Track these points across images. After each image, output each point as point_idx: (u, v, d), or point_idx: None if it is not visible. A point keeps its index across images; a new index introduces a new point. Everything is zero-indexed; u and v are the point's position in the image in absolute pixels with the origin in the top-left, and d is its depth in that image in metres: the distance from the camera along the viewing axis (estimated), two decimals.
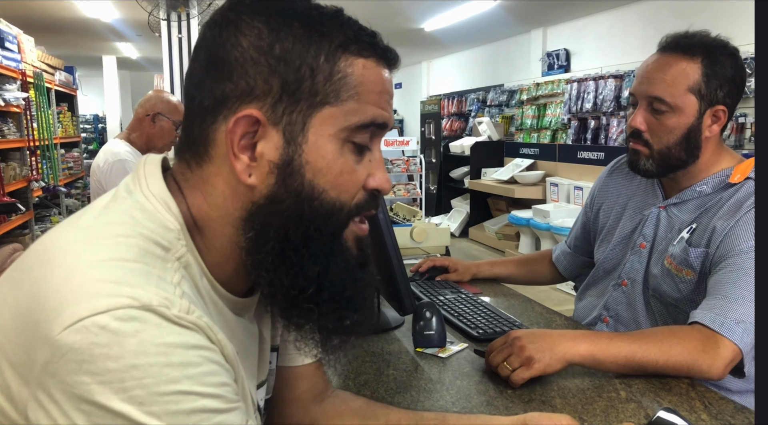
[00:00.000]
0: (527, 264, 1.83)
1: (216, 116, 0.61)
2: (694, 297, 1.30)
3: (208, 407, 0.51)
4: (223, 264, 0.64)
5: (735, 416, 1.00)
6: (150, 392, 0.49)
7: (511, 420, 0.83)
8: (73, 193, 8.13)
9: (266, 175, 0.61)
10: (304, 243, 0.62)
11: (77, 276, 0.52)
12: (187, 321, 0.53)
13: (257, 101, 0.60)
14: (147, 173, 0.65)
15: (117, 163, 2.70)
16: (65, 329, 0.49)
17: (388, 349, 1.29)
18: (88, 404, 0.48)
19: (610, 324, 1.49)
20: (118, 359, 0.48)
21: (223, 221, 0.63)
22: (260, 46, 0.60)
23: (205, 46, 0.63)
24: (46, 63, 6.82)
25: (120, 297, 0.51)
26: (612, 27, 6.47)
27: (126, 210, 0.60)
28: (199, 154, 0.63)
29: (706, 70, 1.28)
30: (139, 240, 0.57)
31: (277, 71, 0.59)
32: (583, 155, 6.01)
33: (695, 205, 1.36)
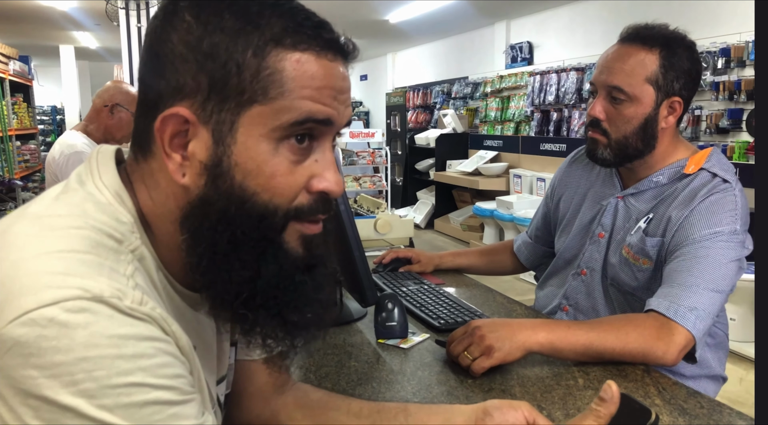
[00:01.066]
0: (489, 254, 1.85)
1: (155, 112, 0.59)
2: (651, 286, 1.33)
3: (161, 399, 0.50)
4: (173, 261, 0.63)
5: (687, 400, 1.02)
6: (101, 385, 0.48)
7: (471, 408, 0.84)
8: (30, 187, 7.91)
9: (197, 175, 0.58)
10: (232, 247, 0.59)
11: (24, 268, 0.50)
12: (140, 312, 0.52)
13: (188, 99, 0.58)
14: (100, 164, 0.63)
15: (73, 155, 2.63)
16: (10, 322, 0.47)
17: (350, 341, 1.29)
18: (35, 399, 0.47)
19: (569, 313, 1.51)
20: (67, 352, 0.47)
21: (166, 218, 0.62)
22: (188, 41, 0.57)
23: (147, 40, 0.61)
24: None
25: (69, 288, 0.49)
26: (574, 20, 6.55)
27: (77, 202, 0.59)
28: (143, 149, 0.62)
29: (664, 61, 1.31)
30: (91, 232, 0.55)
31: (205, 68, 0.57)
32: (545, 147, 6.09)
33: (651, 195, 1.39)
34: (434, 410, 0.85)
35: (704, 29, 4.49)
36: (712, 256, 1.21)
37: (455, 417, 0.82)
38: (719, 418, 0.97)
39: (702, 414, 0.98)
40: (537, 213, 1.75)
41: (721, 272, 1.20)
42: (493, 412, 0.81)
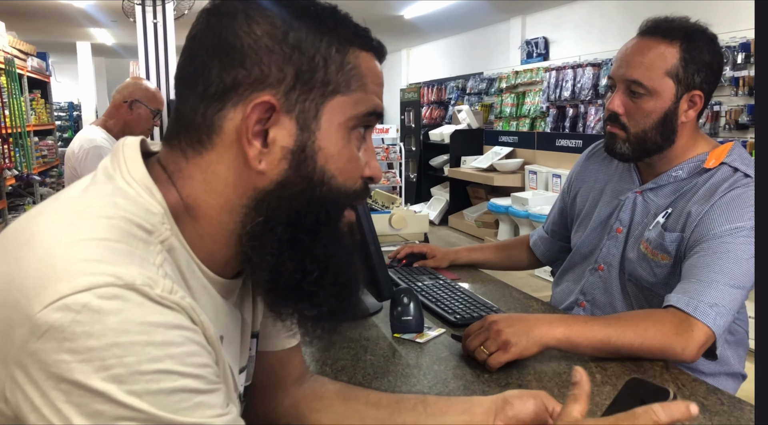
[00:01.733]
0: (505, 249, 1.84)
1: (224, 103, 0.61)
2: (669, 282, 1.32)
3: (188, 387, 0.51)
4: (216, 251, 0.64)
5: (707, 397, 1.01)
6: (131, 370, 0.48)
7: (491, 398, 0.84)
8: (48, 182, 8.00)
9: (278, 161, 0.62)
10: (314, 227, 0.63)
11: (58, 255, 0.51)
12: (170, 301, 0.53)
13: (270, 88, 0.61)
14: (127, 158, 0.63)
15: (93, 149, 2.66)
16: (45, 307, 0.48)
17: (366, 335, 1.28)
18: (67, 383, 0.48)
19: (586, 309, 1.50)
20: (99, 337, 0.48)
21: (222, 208, 0.63)
22: (275, 34, 0.61)
23: (210, 33, 0.62)
24: (17, 49, 6.67)
25: (102, 275, 0.50)
26: (590, 15, 6.50)
27: (107, 194, 0.60)
28: (199, 142, 0.62)
29: (685, 54, 1.28)
30: (121, 221, 0.56)
31: (292, 60, 0.61)
32: (561, 143, 6.05)
33: (671, 190, 1.37)
34: (453, 401, 0.85)
35: (724, 24, 4.44)
36: (732, 252, 1.20)
37: (474, 407, 0.83)
38: (740, 415, 0.96)
39: (722, 412, 0.97)
40: (553, 208, 1.74)
41: (741, 268, 1.18)
42: (513, 401, 0.81)
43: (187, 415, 0.50)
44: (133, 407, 0.48)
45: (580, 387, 0.70)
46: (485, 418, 0.81)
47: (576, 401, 0.69)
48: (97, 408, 0.48)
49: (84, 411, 0.48)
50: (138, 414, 0.48)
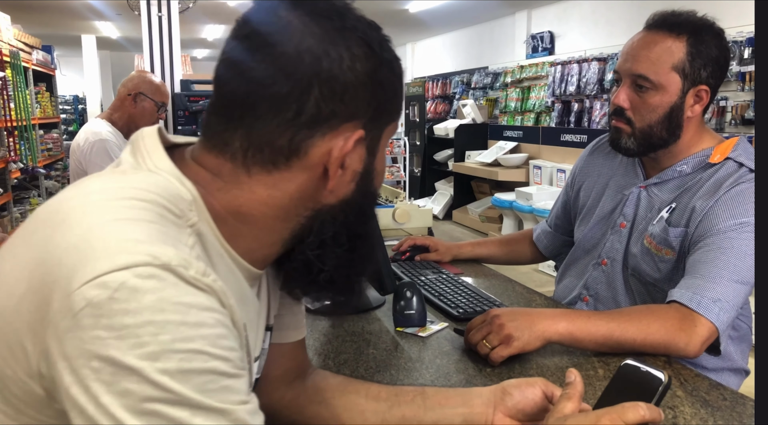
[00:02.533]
0: (508, 244, 1.84)
1: (314, 131, 0.62)
2: (673, 277, 1.31)
3: (217, 369, 0.51)
4: (257, 249, 0.67)
5: (710, 392, 1.01)
6: (165, 348, 0.49)
7: (489, 389, 0.84)
8: (53, 175, 8.02)
9: (347, 182, 0.66)
10: (362, 231, 0.71)
11: (97, 234, 0.53)
12: (203, 283, 0.53)
13: (355, 120, 0.64)
14: (149, 149, 0.64)
15: (98, 142, 2.67)
16: (85, 283, 0.49)
17: (369, 329, 1.29)
18: (99, 360, 0.48)
19: (589, 303, 1.50)
20: (135, 315, 0.49)
21: (277, 218, 0.65)
22: (369, 72, 0.63)
23: (312, 59, 0.61)
24: (23, 42, 6.68)
25: (140, 254, 0.51)
26: (596, 9, 6.47)
27: (137, 179, 0.61)
28: (273, 163, 0.63)
29: (691, 49, 1.27)
30: (153, 205, 0.57)
31: (377, 95, 0.65)
32: (566, 138, 6.03)
33: (675, 185, 1.37)
34: (452, 393, 0.86)
35: (730, 19, 4.41)
36: (736, 247, 1.19)
37: (473, 399, 0.83)
38: (742, 410, 0.95)
39: (725, 407, 0.97)
40: (557, 202, 1.73)
41: (746, 263, 1.18)
42: (512, 391, 0.82)
43: (213, 397, 0.51)
44: (164, 386, 0.48)
45: (573, 387, 0.72)
46: (484, 410, 0.82)
47: (569, 399, 0.71)
48: (126, 387, 0.48)
49: (113, 389, 0.48)
50: (166, 394, 0.48)
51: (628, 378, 0.73)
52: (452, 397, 0.84)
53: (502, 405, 0.81)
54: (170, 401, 0.49)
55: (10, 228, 5.87)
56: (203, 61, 15.68)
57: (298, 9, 0.63)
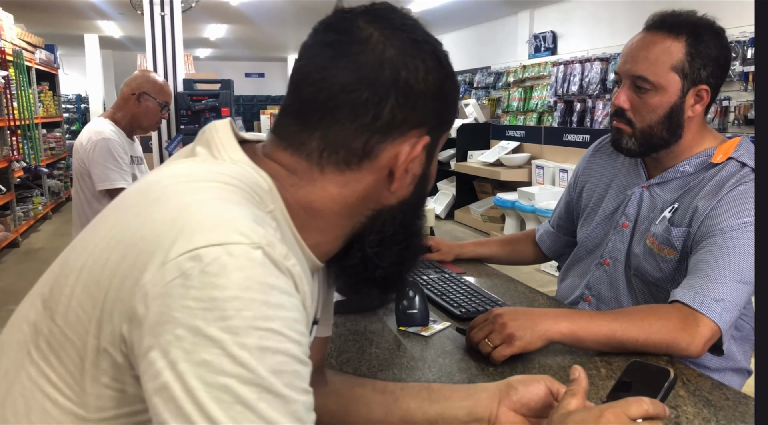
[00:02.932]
0: (510, 244, 1.84)
1: (387, 136, 0.67)
2: (676, 277, 1.31)
3: (290, 351, 0.53)
4: (321, 243, 0.71)
5: (712, 392, 1.01)
6: (247, 324, 0.51)
7: (495, 384, 0.85)
8: (56, 174, 8.04)
9: (408, 185, 0.71)
10: (417, 229, 0.76)
11: (194, 211, 0.57)
12: (284, 266, 0.56)
13: (421, 128, 0.69)
14: (224, 142, 0.68)
15: (101, 141, 2.67)
16: (180, 255, 0.52)
17: (371, 328, 1.29)
18: (184, 328, 0.50)
19: (592, 304, 1.50)
20: (223, 289, 0.51)
21: (343, 215, 0.70)
22: (438, 84, 0.69)
23: (392, 68, 0.66)
24: (26, 41, 6.70)
25: (234, 233, 0.54)
26: (599, 9, 6.46)
27: (219, 166, 0.65)
28: (347, 163, 0.67)
29: (691, 49, 1.27)
30: (239, 189, 0.62)
31: (442, 106, 0.70)
32: (568, 138, 6.03)
33: (678, 185, 1.36)
34: (457, 387, 0.87)
35: (733, 18, 4.40)
36: (739, 247, 1.19)
37: (479, 393, 0.84)
38: (745, 410, 0.95)
39: (727, 407, 0.96)
40: (560, 202, 1.73)
41: (748, 263, 1.18)
42: (518, 386, 0.82)
43: (282, 379, 0.52)
44: (241, 360, 0.50)
45: (578, 383, 0.73)
46: (489, 403, 0.82)
47: (573, 395, 0.71)
48: (204, 357, 0.50)
49: (192, 358, 0.50)
50: (241, 369, 0.50)
51: (635, 374, 0.74)
52: (457, 391, 0.85)
53: (507, 399, 0.82)
54: (242, 378, 0.50)
55: (13, 227, 5.88)
56: (206, 61, 15.71)
57: (377, 22, 0.68)
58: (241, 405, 0.50)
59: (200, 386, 0.49)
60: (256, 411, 0.50)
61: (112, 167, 2.65)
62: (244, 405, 0.50)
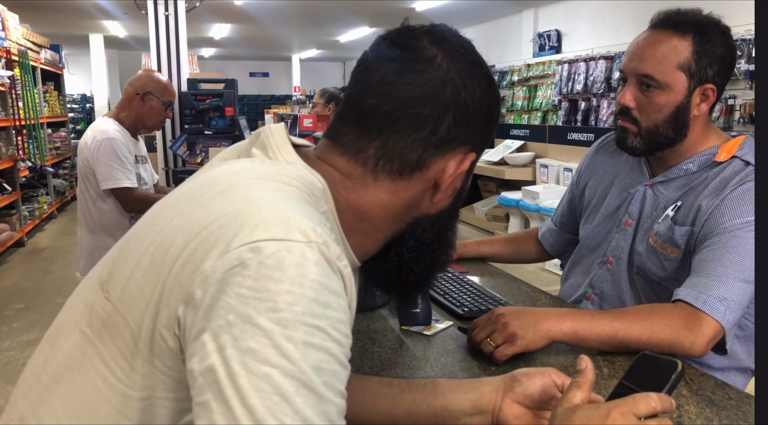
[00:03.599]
0: (513, 242, 1.83)
1: (440, 151, 0.71)
2: (678, 276, 1.31)
3: (332, 350, 0.54)
4: (362, 245, 0.73)
5: (715, 392, 1.01)
6: (295, 319, 0.53)
7: (499, 377, 0.85)
8: (61, 173, 8.07)
9: (448, 197, 0.75)
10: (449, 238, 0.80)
11: (258, 205, 0.59)
12: (336, 266, 0.58)
13: (468, 145, 0.73)
14: (279, 145, 0.71)
15: (105, 141, 2.67)
16: (243, 245, 0.55)
17: (374, 327, 1.29)
18: (236, 315, 0.53)
19: (595, 302, 1.49)
20: (278, 282, 0.53)
21: (386, 220, 0.73)
22: (488, 106, 0.73)
23: (453, 89, 0.70)
24: (31, 41, 6.72)
25: (294, 230, 0.56)
26: (603, 8, 6.44)
27: (277, 166, 0.68)
28: (400, 173, 0.71)
29: (697, 47, 1.26)
30: (297, 189, 0.65)
31: (488, 126, 0.75)
32: (573, 136, 6.02)
33: (681, 183, 1.36)
34: (462, 381, 0.87)
35: (739, 16, 4.38)
36: (742, 246, 1.19)
37: (483, 386, 0.84)
38: (748, 410, 0.95)
39: (730, 406, 0.96)
40: (563, 199, 1.73)
41: (752, 262, 1.17)
42: (521, 378, 0.83)
43: (322, 376, 0.53)
44: (285, 352, 0.52)
45: (584, 375, 0.72)
46: (493, 396, 0.83)
47: (579, 388, 0.70)
48: (251, 345, 0.52)
49: (239, 344, 0.52)
50: (285, 362, 0.52)
51: (643, 367, 0.73)
52: (462, 384, 0.86)
53: (511, 391, 0.83)
54: (285, 370, 0.52)
55: (19, 226, 5.90)
56: (210, 60, 15.73)
57: (441, 43, 0.71)
58: (278, 396, 0.51)
59: (243, 372, 0.51)
60: (292, 404, 0.51)
61: (116, 166, 2.66)
62: (281, 396, 0.51)
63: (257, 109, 13.99)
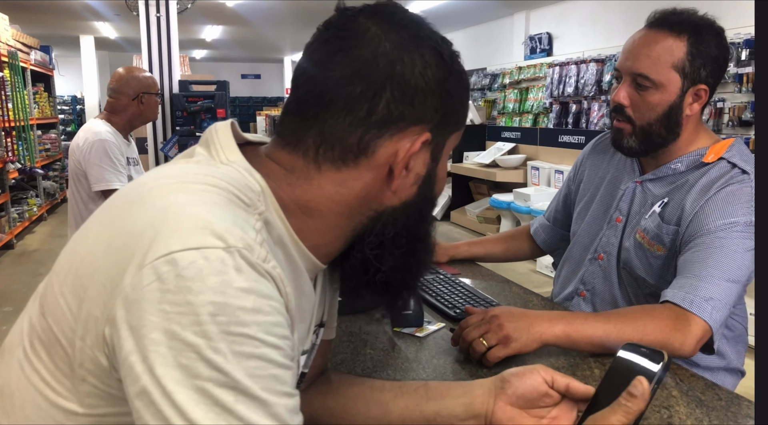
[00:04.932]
0: (505, 241, 1.84)
1: (383, 132, 0.66)
2: (663, 274, 1.32)
3: (267, 356, 0.53)
4: (322, 245, 0.70)
5: (705, 392, 1.02)
6: (221, 330, 0.51)
7: (489, 379, 0.85)
8: (51, 175, 8.02)
9: (410, 185, 0.70)
10: (423, 236, 0.74)
11: (172, 214, 0.56)
12: (263, 268, 0.56)
13: (422, 124, 0.67)
14: (222, 143, 0.68)
15: (97, 142, 2.67)
16: (157, 259, 0.52)
17: (366, 329, 1.29)
18: (160, 332, 0.51)
19: (587, 298, 1.50)
20: (199, 294, 0.51)
21: (342, 215, 0.69)
22: (439, 80, 0.67)
23: (386, 62, 0.65)
24: (21, 42, 6.68)
25: (211, 236, 0.54)
26: (594, 11, 6.48)
27: (210, 168, 0.64)
28: (343, 160, 0.66)
29: (692, 48, 1.28)
30: (225, 191, 0.61)
31: (445, 103, 0.68)
32: (564, 139, 6.04)
33: (669, 181, 1.38)
34: (453, 385, 0.87)
35: (728, 20, 4.39)
36: (727, 247, 1.20)
37: (474, 390, 0.84)
38: (737, 410, 0.96)
39: (720, 407, 0.97)
40: (557, 196, 1.75)
41: (736, 262, 1.18)
42: (511, 379, 0.83)
43: (259, 383, 0.52)
44: (216, 365, 0.51)
45: (635, 402, 0.69)
46: (485, 399, 0.83)
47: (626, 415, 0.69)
48: (181, 361, 0.50)
49: (168, 362, 0.50)
50: (217, 374, 0.51)
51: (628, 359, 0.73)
52: (454, 388, 0.85)
53: (502, 393, 0.82)
54: (219, 382, 0.51)
55: (8, 228, 5.86)
56: (202, 62, 15.69)
57: (376, 17, 0.67)
58: (219, 407, 0.50)
59: (178, 389, 0.50)
60: (234, 413, 0.51)
61: (108, 168, 2.65)
62: (222, 407, 0.50)
63: (249, 110, 13.95)
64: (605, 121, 5.97)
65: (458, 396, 0.84)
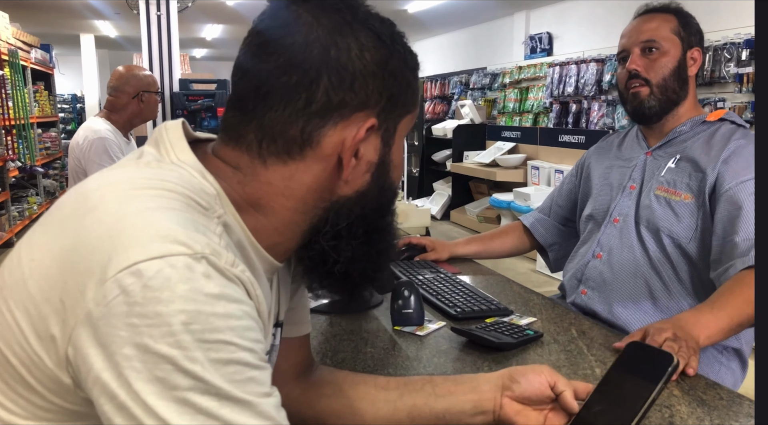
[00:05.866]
0: (499, 236, 1.88)
1: (326, 120, 0.64)
2: (689, 223, 1.42)
3: (243, 360, 0.52)
4: (279, 243, 0.68)
5: (706, 392, 1.01)
6: (195, 338, 0.50)
7: (497, 374, 0.85)
8: (51, 174, 8.01)
9: (363, 173, 0.67)
10: (382, 225, 0.72)
11: (130, 222, 0.53)
12: (232, 273, 0.54)
13: (367, 110, 0.65)
14: (173, 143, 0.65)
15: (97, 141, 2.67)
16: (119, 272, 0.50)
17: (367, 328, 1.29)
18: (132, 347, 0.49)
19: (603, 259, 1.56)
20: (168, 304, 0.49)
21: (296, 210, 0.66)
22: (380, 61, 0.65)
23: (320, 48, 0.62)
24: (21, 40, 6.67)
25: (174, 244, 0.52)
26: (594, 11, 6.48)
27: (163, 171, 0.62)
28: (288, 153, 0.64)
29: (681, 20, 1.51)
30: (181, 196, 0.58)
31: (388, 85, 0.66)
32: (564, 139, 6.04)
33: (677, 142, 1.52)
34: (459, 380, 0.87)
35: (728, 20, 4.42)
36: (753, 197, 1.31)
37: (482, 385, 0.84)
38: (738, 410, 0.96)
39: (721, 406, 0.97)
40: (559, 190, 1.82)
41: None
42: (519, 378, 0.83)
43: (239, 388, 0.51)
44: (194, 374, 0.49)
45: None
46: (493, 395, 0.83)
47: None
48: (157, 374, 0.49)
49: (145, 376, 0.49)
50: (196, 382, 0.49)
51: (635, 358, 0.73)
52: (461, 384, 0.85)
53: (509, 390, 0.83)
54: (200, 390, 0.49)
55: (8, 227, 5.86)
56: (202, 61, 15.68)
57: (308, 3, 0.65)
58: (203, 415, 0.49)
59: (159, 402, 0.49)
60: (221, 418, 0.50)
61: (107, 166, 2.66)
62: (207, 415, 0.50)
63: None
64: (605, 120, 5.97)
65: (466, 393, 0.84)
